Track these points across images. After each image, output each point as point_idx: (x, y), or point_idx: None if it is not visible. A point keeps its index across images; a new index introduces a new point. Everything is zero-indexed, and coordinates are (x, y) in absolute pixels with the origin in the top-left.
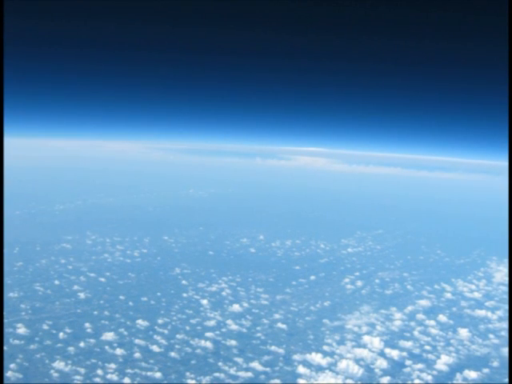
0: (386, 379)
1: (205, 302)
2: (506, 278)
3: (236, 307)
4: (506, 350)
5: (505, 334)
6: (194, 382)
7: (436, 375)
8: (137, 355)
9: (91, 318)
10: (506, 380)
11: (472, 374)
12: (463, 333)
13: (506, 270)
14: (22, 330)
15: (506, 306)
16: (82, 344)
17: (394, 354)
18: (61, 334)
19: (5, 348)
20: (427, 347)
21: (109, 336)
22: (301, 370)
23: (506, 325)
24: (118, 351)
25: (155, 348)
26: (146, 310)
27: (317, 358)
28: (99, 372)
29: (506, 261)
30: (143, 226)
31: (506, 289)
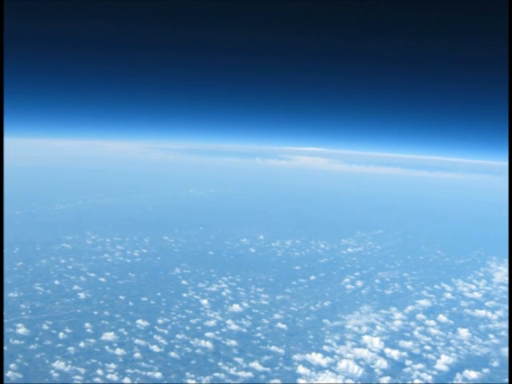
0: (385, 379)
1: (205, 302)
2: (506, 278)
3: (236, 307)
4: (506, 350)
5: (505, 334)
6: (193, 381)
7: (436, 375)
8: (137, 355)
9: (91, 318)
10: (506, 380)
11: (472, 374)
12: (463, 333)
13: (505, 270)
14: (21, 329)
15: (506, 306)
16: (81, 344)
17: (394, 353)
18: (61, 334)
19: (5, 348)
20: (427, 347)
21: (109, 336)
22: (301, 369)
23: (506, 325)
24: (118, 351)
25: (155, 348)
26: (145, 310)
27: (317, 358)
28: (99, 372)
29: (506, 261)
30: (143, 226)
31: (505, 289)
